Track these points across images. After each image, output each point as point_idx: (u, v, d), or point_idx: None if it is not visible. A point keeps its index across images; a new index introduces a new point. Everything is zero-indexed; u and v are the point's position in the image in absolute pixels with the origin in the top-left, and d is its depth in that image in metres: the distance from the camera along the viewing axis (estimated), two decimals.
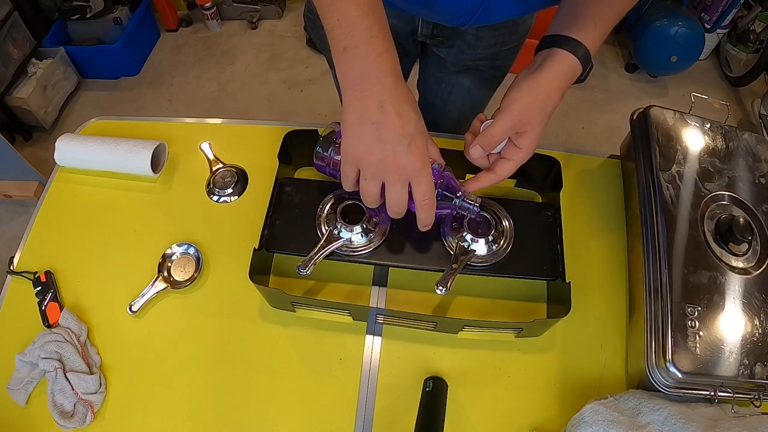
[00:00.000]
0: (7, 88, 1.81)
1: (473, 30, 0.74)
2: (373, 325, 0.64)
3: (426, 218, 0.52)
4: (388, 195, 0.50)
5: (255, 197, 0.74)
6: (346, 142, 0.49)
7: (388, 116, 0.45)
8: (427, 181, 0.49)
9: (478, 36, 0.75)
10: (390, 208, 0.51)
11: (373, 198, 0.51)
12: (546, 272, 0.61)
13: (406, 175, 0.48)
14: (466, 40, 0.76)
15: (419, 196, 0.49)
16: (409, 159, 0.47)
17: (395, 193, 0.49)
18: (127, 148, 0.73)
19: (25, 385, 0.59)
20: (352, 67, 0.45)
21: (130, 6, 2.14)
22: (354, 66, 0.45)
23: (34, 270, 0.68)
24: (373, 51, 0.44)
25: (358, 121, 0.46)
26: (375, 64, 0.45)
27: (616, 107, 2.05)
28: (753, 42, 2.01)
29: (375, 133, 0.46)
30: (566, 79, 0.51)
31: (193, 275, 0.67)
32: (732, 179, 0.64)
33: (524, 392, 0.60)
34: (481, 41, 0.76)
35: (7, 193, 1.69)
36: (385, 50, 0.45)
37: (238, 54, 2.25)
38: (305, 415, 0.59)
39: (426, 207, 0.50)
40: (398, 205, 0.50)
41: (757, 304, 0.56)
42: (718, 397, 0.53)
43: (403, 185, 0.48)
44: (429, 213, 0.51)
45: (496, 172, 0.54)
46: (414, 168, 0.47)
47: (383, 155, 0.47)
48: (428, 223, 0.53)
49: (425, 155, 0.48)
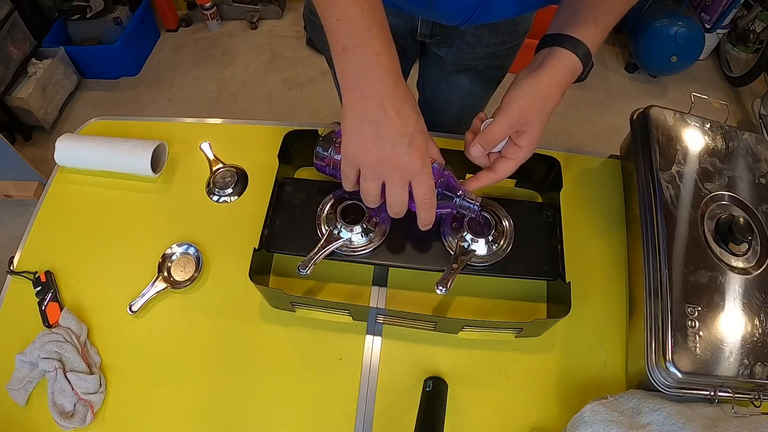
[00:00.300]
0: (7, 88, 1.81)
1: (473, 29, 0.74)
2: (373, 325, 0.64)
3: (426, 218, 0.52)
4: (389, 195, 0.50)
5: (255, 197, 0.74)
6: (346, 142, 0.49)
7: (387, 116, 0.45)
8: (428, 180, 0.48)
9: (477, 35, 0.75)
10: (390, 207, 0.51)
11: (374, 198, 0.51)
12: (546, 272, 0.61)
13: (406, 174, 0.48)
14: (465, 39, 0.76)
15: (419, 195, 0.49)
16: (410, 158, 0.47)
17: (395, 193, 0.49)
18: (127, 148, 0.73)
19: (25, 385, 0.59)
20: (351, 67, 0.45)
21: (130, 6, 2.14)
22: (353, 66, 0.45)
23: (34, 270, 0.68)
24: (372, 50, 0.44)
25: (357, 121, 0.46)
26: (374, 63, 0.45)
27: (616, 107, 2.05)
28: (753, 42, 2.01)
29: (375, 133, 0.46)
30: (567, 78, 0.51)
31: (193, 275, 0.67)
32: (732, 179, 0.64)
33: (524, 392, 0.60)
34: (481, 41, 0.76)
35: (7, 193, 1.69)
36: (384, 50, 0.45)
37: (238, 54, 2.25)
38: (305, 415, 0.59)
39: (426, 206, 0.50)
40: (399, 205, 0.50)
41: (757, 304, 0.56)
42: (718, 397, 0.53)
43: (404, 185, 0.48)
44: (429, 212, 0.51)
45: (496, 171, 0.54)
46: (414, 167, 0.47)
47: (383, 155, 0.47)
48: (429, 223, 0.53)
49: (425, 155, 0.48)
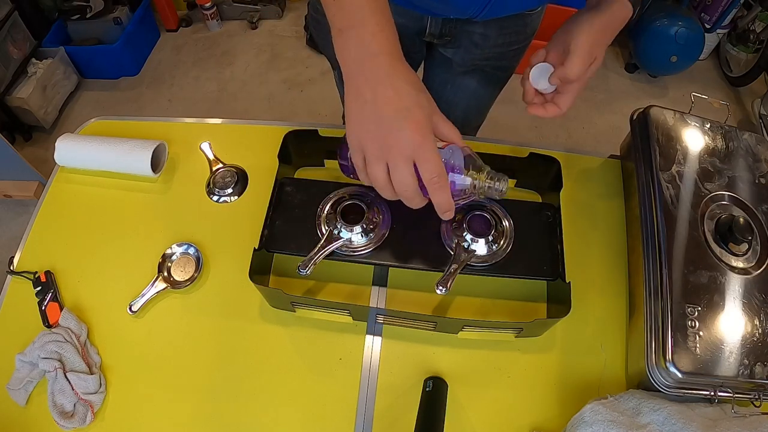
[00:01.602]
0: (7, 88, 1.81)
1: (481, 29, 0.74)
2: (373, 325, 0.64)
3: (442, 202, 0.47)
4: (393, 177, 0.46)
5: (255, 197, 0.74)
6: (349, 129, 0.47)
7: (383, 94, 0.44)
8: (431, 157, 0.44)
9: (485, 35, 0.75)
10: (400, 194, 0.47)
11: (383, 183, 0.47)
12: (546, 272, 0.61)
13: (407, 151, 0.44)
14: (473, 39, 0.76)
15: (426, 174, 0.45)
16: (408, 134, 0.43)
17: (399, 173, 0.45)
18: (127, 148, 0.73)
19: (25, 385, 0.59)
20: (348, 49, 0.45)
21: (130, 6, 2.13)
22: (350, 47, 0.45)
23: (34, 270, 0.68)
24: (367, 31, 0.44)
25: (355, 102, 0.45)
26: (369, 43, 0.44)
27: (616, 107, 2.05)
28: (753, 42, 2.01)
29: (372, 113, 0.44)
30: (621, 17, 0.54)
31: (193, 275, 0.67)
32: (732, 179, 0.64)
33: (524, 392, 0.60)
34: (489, 41, 0.76)
35: (7, 193, 1.69)
36: (380, 30, 0.44)
37: (238, 54, 2.25)
38: (305, 415, 0.59)
39: (435, 187, 0.45)
40: (405, 188, 0.46)
41: (757, 304, 0.56)
42: (718, 397, 0.53)
43: (406, 163, 0.44)
44: (442, 194, 0.46)
45: (560, 106, 0.56)
46: (414, 143, 0.44)
47: (381, 133, 0.44)
48: (447, 208, 0.47)
49: (426, 129, 0.45)
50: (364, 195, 0.64)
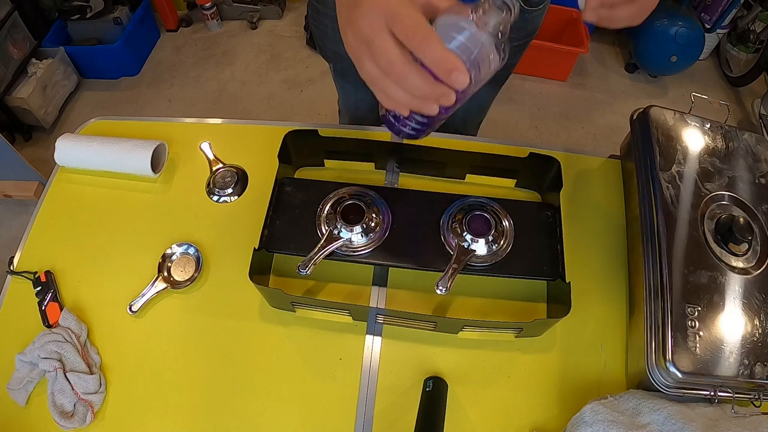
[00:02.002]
0: (7, 88, 1.81)
1: None
2: (373, 325, 0.64)
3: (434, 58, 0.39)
4: (375, 58, 0.41)
5: (255, 197, 0.74)
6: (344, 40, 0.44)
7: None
8: (401, 11, 0.39)
9: None
10: (390, 74, 0.41)
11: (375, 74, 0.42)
12: (546, 272, 0.61)
13: (378, 23, 0.39)
14: None
15: (400, 34, 0.39)
16: (374, 6, 0.39)
17: (376, 47, 0.40)
18: (127, 148, 0.73)
19: (25, 385, 0.59)
20: None
21: (130, 6, 2.13)
22: None
23: (34, 270, 0.68)
24: None
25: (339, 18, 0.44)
26: None
27: (616, 107, 2.05)
28: (753, 42, 2.01)
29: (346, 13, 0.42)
30: None
31: (193, 275, 0.67)
32: (732, 179, 0.64)
33: (524, 392, 0.60)
34: None
35: (7, 193, 1.69)
36: None
37: (238, 54, 2.25)
38: (305, 415, 0.59)
39: (417, 41, 0.39)
40: (392, 62, 0.40)
41: (757, 304, 0.56)
42: (718, 397, 0.53)
43: (381, 35, 0.39)
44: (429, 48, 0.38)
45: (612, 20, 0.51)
46: (380, 10, 0.39)
47: (355, 25, 0.41)
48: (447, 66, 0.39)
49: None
50: (364, 195, 0.64)
